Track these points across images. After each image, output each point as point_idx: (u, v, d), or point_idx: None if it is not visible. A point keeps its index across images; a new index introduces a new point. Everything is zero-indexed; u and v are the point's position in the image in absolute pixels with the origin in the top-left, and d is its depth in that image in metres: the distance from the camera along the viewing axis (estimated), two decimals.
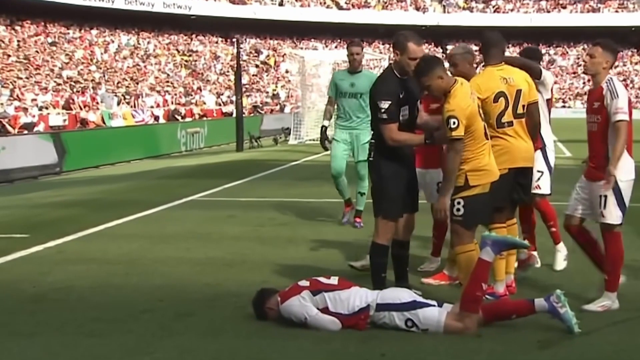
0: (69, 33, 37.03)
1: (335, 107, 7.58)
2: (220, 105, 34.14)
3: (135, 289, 5.34)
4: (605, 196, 4.55)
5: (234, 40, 40.07)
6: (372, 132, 4.78)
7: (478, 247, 4.50)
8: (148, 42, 42.00)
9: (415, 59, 4.48)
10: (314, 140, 20.72)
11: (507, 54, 5.07)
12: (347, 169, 7.73)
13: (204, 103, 33.54)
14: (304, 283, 4.41)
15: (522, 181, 4.91)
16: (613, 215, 4.58)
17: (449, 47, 55.97)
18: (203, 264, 6.12)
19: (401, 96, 4.52)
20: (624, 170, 4.56)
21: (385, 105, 4.44)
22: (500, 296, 4.86)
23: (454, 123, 4.28)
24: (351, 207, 7.82)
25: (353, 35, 53.72)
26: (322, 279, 4.43)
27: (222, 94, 36.58)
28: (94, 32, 39.13)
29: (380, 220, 4.67)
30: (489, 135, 4.73)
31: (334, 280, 4.41)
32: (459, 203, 4.40)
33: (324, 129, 7.60)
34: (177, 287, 5.37)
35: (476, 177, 4.38)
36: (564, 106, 49.60)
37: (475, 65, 5.23)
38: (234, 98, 25.20)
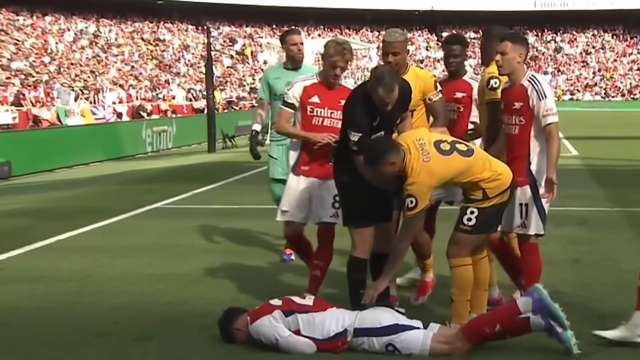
0: (18, 20, 36.77)
1: (270, 113, 6.70)
2: (190, 100, 34.08)
3: (89, 310, 5.29)
4: (527, 204, 4.59)
5: (206, 27, 39.84)
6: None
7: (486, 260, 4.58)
8: (109, 30, 41.83)
9: (385, 104, 4.49)
10: None
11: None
12: None
13: (173, 98, 33.47)
14: (276, 302, 4.41)
15: None
16: (536, 225, 4.65)
17: (444, 35, 56.33)
18: (166, 281, 6.09)
19: (375, 124, 4.59)
20: (545, 175, 4.62)
21: (355, 137, 4.52)
22: (495, 302, 4.95)
23: (411, 202, 4.30)
24: (293, 250, 6.57)
25: (338, 22, 53.95)
26: (296, 299, 4.43)
27: (193, 88, 36.51)
28: (48, 18, 38.90)
29: (352, 230, 4.71)
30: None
31: (308, 301, 4.42)
32: (472, 213, 4.42)
33: (254, 134, 6.83)
34: (136, 308, 5.33)
35: (494, 188, 4.41)
36: (571, 99, 49.92)
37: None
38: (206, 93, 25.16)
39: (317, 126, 5.06)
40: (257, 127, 6.83)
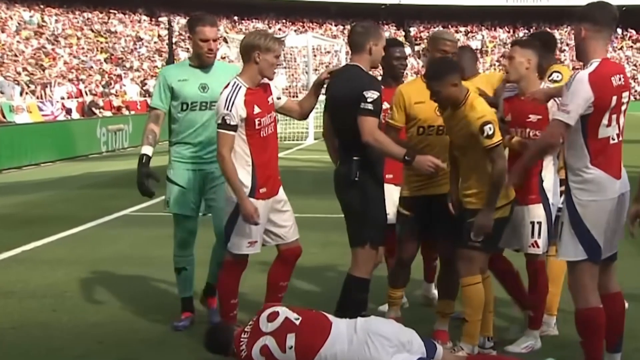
0: None
1: (174, 126, 5.30)
2: (145, 96, 33.74)
3: (67, 330, 5.22)
4: (539, 223, 4.67)
5: (160, 19, 39.34)
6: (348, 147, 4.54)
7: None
8: (56, 21, 41.19)
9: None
10: None
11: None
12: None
13: (125, 94, 33.10)
14: (261, 342, 4.22)
15: None
16: (545, 243, 4.76)
17: (412, 30, 56.73)
18: (145, 295, 6.06)
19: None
20: (556, 193, 4.72)
21: (374, 95, 4.36)
22: None
23: (490, 129, 4.30)
24: (192, 314, 5.40)
25: (301, 15, 53.88)
26: (263, 325, 4.24)
27: (147, 83, 36.16)
28: None
29: (362, 249, 4.58)
30: None
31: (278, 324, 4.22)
32: None
33: (144, 160, 5.17)
34: (119, 326, 5.29)
35: (499, 198, 4.42)
36: None
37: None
38: None
39: (266, 138, 4.59)
40: (147, 150, 5.18)
